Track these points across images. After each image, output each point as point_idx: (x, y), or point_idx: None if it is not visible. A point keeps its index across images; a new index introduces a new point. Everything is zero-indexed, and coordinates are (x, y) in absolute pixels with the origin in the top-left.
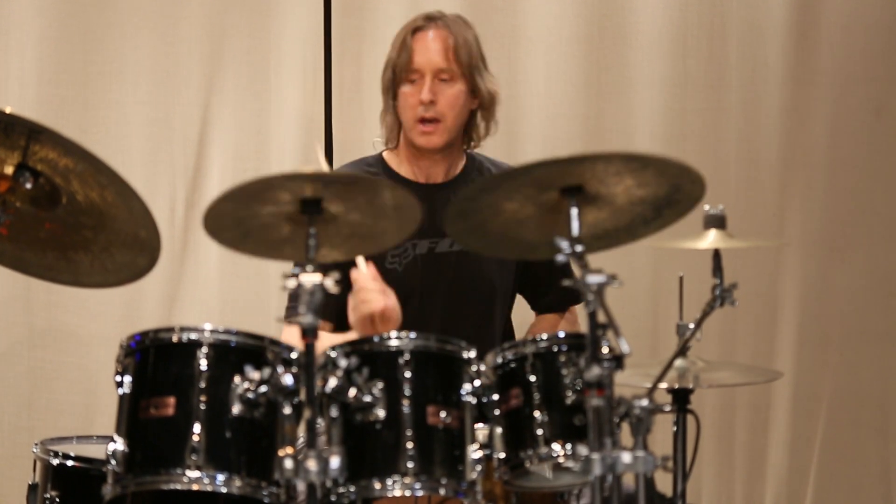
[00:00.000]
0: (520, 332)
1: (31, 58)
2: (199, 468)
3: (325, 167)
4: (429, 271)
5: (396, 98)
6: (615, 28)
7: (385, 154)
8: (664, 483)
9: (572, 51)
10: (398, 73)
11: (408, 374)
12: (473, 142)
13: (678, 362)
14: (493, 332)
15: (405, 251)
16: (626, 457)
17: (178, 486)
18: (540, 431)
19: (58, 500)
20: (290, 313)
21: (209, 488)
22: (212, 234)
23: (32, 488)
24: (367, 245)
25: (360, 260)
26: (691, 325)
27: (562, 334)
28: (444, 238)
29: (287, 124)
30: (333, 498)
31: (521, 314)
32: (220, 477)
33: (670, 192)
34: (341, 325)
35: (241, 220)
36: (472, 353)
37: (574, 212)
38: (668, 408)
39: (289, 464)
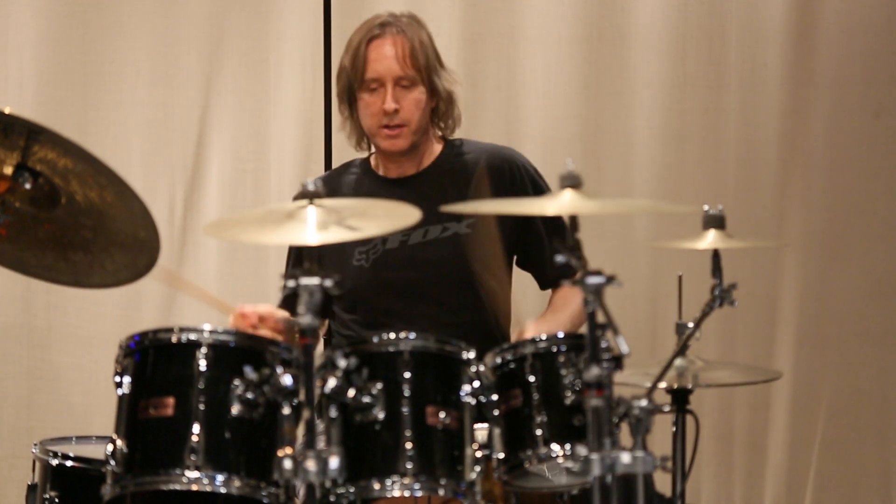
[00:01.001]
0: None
1: (29, 58)
2: (198, 468)
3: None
4: (402, 265)
5: (355, 105)
6: (614, 29)
7: (371, 156)
8: (663, 483)
9: (571, 51)
10: (355, 82)
11: (407, 375)
12: (449, 129)
13: (677, 362)
14: (483, 317)
15: (373, 247)
16: (625, 457)
17: (178, 487)
18: (539, 432)
19: (57, 500)
20: None
21: (208, 489)
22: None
23: (32, 489)
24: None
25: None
26: (690, 325)
27: (561, 334)
28: (417, 229)
29: (287, 125)
30: (332, 498)
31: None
32: (220, 477)
33: None
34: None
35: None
36: (472, 354)
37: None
38: (667, 408)
39: (288, 464)
